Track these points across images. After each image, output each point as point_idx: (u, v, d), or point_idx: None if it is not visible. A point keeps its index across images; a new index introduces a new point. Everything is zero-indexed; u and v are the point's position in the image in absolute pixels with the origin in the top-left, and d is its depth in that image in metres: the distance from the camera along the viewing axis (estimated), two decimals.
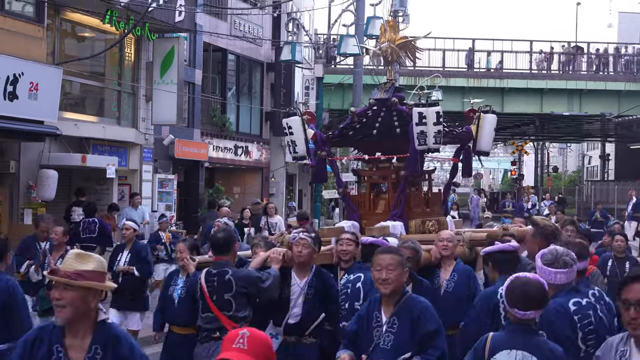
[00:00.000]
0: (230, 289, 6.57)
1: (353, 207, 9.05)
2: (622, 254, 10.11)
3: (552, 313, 4.87)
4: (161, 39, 19.47)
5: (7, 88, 13.74)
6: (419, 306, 5.20)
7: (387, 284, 5.16)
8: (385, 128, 8.77)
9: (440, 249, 7.35)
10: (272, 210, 17.65)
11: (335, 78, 30.47)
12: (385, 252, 5.36)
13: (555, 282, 4.97)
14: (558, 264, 4.98)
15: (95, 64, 18.58)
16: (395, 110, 8.76)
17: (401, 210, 8.59)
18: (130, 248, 10.31)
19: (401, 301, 5.21)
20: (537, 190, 46.58)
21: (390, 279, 5.15)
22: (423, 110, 8.18)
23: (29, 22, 14.87)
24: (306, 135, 8.87)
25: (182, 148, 21.59)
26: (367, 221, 8.73)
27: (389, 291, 5.16)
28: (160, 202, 20.26)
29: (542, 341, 4.51)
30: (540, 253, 5.14)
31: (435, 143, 8.25)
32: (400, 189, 8.63)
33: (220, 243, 6.89)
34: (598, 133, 49.21)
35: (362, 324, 5.33)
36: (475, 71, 39.03)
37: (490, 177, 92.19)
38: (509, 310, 4.54)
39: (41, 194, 15.43)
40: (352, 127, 9.08)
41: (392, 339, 5.14)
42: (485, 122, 9.18)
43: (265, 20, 26.60)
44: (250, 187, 27.30)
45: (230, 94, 26.03)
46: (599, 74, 39.87)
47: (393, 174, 8.95)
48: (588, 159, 65.37)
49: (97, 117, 18.33)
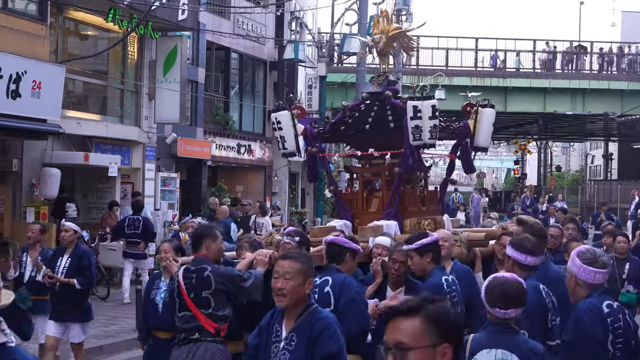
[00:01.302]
0: (209, 286, 6.20)
1: (345, 205, 8.67)
2: (624, 255, 10.05)
3: (585, 313, 4.81)
4: (164, 37, 19.49)
5: (10, 86, 13.76)
6: (320, 323, 4.58)
7: (282, 296, 4.57)
8: (378, 123, 8.42)
9: None
10: (260, 210, 17.60)
11: (338, 77, 30.47)
12: (285, 257, 4.77)
13: (594, 282, 4.91)
14: (598, 264, 4.90)
15: (98, 62, 18.61)
16: (389, 104, 8.40)
17: (395, 208, 8.22)
18: (71, 252, 9.29)
19: (303, 315, 4.62)
20: (540, 190, 46.54)
21: (285, 289, 4.55)
22: (418, 104, 7.79)
23: (32, 20, 14.88)
24: (296, 131, 8.53)
25: (185, 146, 21.59)
26: (360, 220, 8.38)
27: (284, 304, 4.59)
28: (162, 200, 20.27)
29: (522, 340, 4.49)
30: (576, 251, 5.04)
31: (430, 138, 7.85)
32: (395, 187, 8.27)
33: (194, 239, 6.67)
34: (601, 132, 49.17)
35: (262, 338, 4.80)
36: (478, 70, 39.00)
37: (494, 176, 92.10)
38: (489, 310, 4.51)
39: (44, 193, 15.45)
40: (344, 122, 8.68)
41: (288, 357, 4.58)
42: (483, 117, 8.68)
43: (269, 18, 26.59)
44: (253, 185, 27.29)
45: (233, 93, 26.02)
46: (602, 73, 39.84)
47: (387, 170, 8.59)
48: (591, 158, 65.31)
49: (99, 116, 18.35)
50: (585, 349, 4.76)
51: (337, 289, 5.92)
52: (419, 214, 8.47)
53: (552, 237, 8.52)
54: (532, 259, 5.62)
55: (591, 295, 4.91)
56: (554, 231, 8.65)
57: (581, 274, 4.90)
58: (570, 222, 9.49)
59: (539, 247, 5.85)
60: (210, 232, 6.55)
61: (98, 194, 18.57)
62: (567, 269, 5.07)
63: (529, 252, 5.62)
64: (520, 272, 5.42)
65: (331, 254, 6.24)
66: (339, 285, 5.90)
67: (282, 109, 8.61)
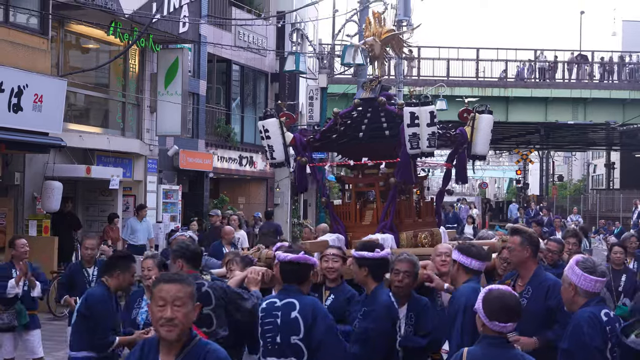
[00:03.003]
0: (210, 302, 5.65)
1: (337, 218, 8.03)
2: (620, 266, 9.83)
3: (585, 322, 4.81)
4: (165, 50, 19.54)
5: (12, 100, 13.77)
6: (212, 357, 3.91)
7: (172, 326, 3.84)
8: (372, 130, 7.94)
9: (438, 265, 6.52)
10: (235, 223, 16.44)
11: (339, 88, 30.50)
12: (169, 280, 3.97)
13: (593, 291, 4.95)
14: (597, 273, 4.94)
15: (99, 75, 18.65)
16: (383, 110, 7.83)
17: (391, 221, 7.62)
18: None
19: (188, 347, 3.91)
20: (542, 199, 46.49)
21: (177, 318, 3.84)
22: (415, 110, 7.21)
23: (34, 34, 14.92)
24: (284, 139, 7.97)
25: (187, 159, 21.61)
26: (353, 234, 7.78)
27: (174, 336, 3.85)
28: (165, 212, 20.29)
29: (518, 354, 4.45)
30: (575, 260, 5.06)
31: (429, 146, 7.29)
32: (390, 198, 7.65)
33: (193, 253, 6.01)
34: (603, 141, 49.21)
35: None
36: (480, 80, 39.06)
37: (496, 186, 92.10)
38: (487, 323, 4.42)
39: (46, 206, 15.46)
40: (336, 130, 8.09)
41: None
42: (481, 123, 8.11)
43: (269, 30, 26.65)
44: (255, 197, 27.30)
45: (234, 105, 26.08)
46: (604, 82, 39.89)
47: (381, 181, 7.99)
48: (593, 168, 65.35)
49: (101, 129, 18.37)
50: (585, 357, 4.77)
51: (308, 315, 5.20)
52: (415, 226, 7.96)
53: (550, 252, 8.36)
54: (477, 264, 5.73)
55: (588, 303, 4.94)
56: (553, 246, 8.46)
57: (581, 282, 4.93)
58: (572, 236, 9.25)
59: (486, 254, 5.96)
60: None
61: (100, 206, 18.57)
62: (564, 279, 5.07)
63: (474, 256, 5.71)
64: (465, 276, 5.65)
65: (287, 272, 5.45)
66: (310, 311, 5.22)
67: (270, 117, 8.09)
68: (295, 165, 8.19)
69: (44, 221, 15.61)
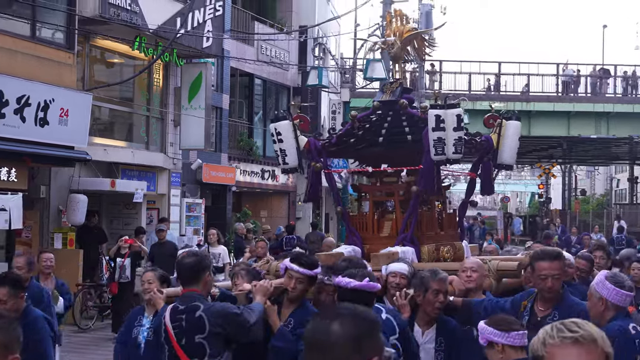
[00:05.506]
0: (203, 330, 5.04)
1: (352, 229, 7.52)
2: None
3: (615, 335, 4.74)
4: (189, 64, 19.69)
5: (39, 114, 13.94)
6: None
7: None
8: (393, 135, 7.39)
9: (464, 280, 6.01)
10: (213, 238, 15.31)
11: (361, 102, 30.50)
12: None
13: (623, 305, 4.98)
14: (627, 287, 4.98)
15: (124, 89, 18.82)
16: (404, 114, 7.35)
17: (411, 233, 7.06)
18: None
19: None
20: (565, 214, 46.22)
21: None
22: (441, 113, 6.70)
23: (60, 49, 15.09)
24: (298, 144, 7.35)
25: (210, 172, 21.72)
26: (370, 246, 7.25)
27: None
28: (188, 226, 20.38)
29: None
30: (603, 274, 5.08)
31: (455, 152, 6.72)
32: (411, 208, 7.11)
33: (187, 269, 5.28)
34: (626, 156, 48.82)
35: None
36: (501, 94, 38.95)
37: (518, 201, 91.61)
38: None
39: (71, 219, 15.60)
40: (353, 134, 7.58)
41: None
42: (508, 130, 7.52)
43: (292, 45, 26.77)
44: (277, 211, 27.36)
45: (257, 119, 26.19)
46: (627, 96, 39.65)
47: (401, 190, 7.45)
48: (616, 182, 64.86)
49: (126, 142, 18.53)
50: None
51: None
52: (437, 239, 7.38)
53: (579, 270, 7.80)
54: None
55: (616, 317, 4.96)
56: (582, 264, 7.87)
57: (613, 296, 4.96)
58: (598, 249, 8.91)
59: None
60: (207, 263, 5.44)
61: (124, 220, 18.69)
62: (593, 293, 5.05)
63: None
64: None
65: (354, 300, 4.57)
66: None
67: (283, 119, 7.41)
68: (309, 172, 7.66)
69: (69, 234, 15.74)
